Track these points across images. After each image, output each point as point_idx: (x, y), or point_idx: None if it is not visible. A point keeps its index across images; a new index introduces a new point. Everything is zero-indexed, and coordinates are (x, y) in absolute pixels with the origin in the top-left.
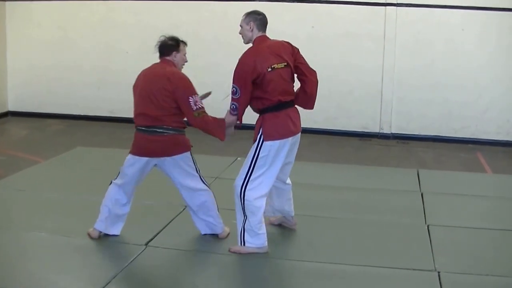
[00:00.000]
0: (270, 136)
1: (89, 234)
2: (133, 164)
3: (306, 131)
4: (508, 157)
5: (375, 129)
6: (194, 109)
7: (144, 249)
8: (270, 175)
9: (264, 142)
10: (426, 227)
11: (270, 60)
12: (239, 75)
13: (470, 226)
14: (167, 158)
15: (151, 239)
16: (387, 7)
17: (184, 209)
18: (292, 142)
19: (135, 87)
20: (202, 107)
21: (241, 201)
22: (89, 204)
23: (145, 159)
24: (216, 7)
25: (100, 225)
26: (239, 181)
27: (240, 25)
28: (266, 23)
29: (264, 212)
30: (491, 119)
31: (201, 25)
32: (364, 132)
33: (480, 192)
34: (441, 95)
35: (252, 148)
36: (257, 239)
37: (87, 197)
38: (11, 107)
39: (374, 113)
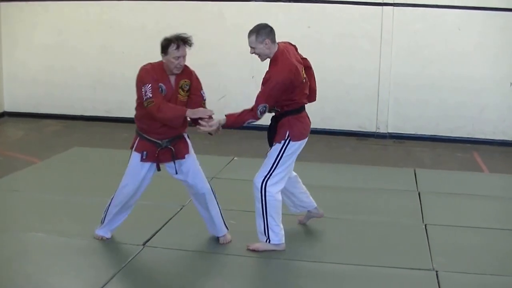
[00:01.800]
0: (297, 137)
1: None
2: None
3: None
4: (504, 157)
5: (371, 129)
6: (143, 99)
7: (142, 249)
8: (288, 171)
9: (291, 142)
10: (424, 227)
11: (300, 70)
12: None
13: (467, 225)
14: None
15: (149, 239)
16: (384, 7)
17: (181, 209)
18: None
19: None
20: (150, 97)
21: (262, 196)
22: (86, 205)
23: None
24: (212, 8)
25: None
26: (259, 177)
27: (252, 46)
28: (275, 32)
29: (289, 208)
30: (487, 119)
31: (197, 26)
32: (360, 132)
33: (477, 191)
34: (438, 94)
35: (277, 147)
36: (279, 236)
37: (84, 197)
38: (7, 108)
39: (370, 113)
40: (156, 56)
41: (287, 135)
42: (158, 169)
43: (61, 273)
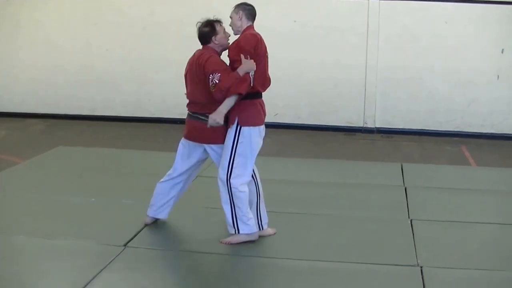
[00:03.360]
0: (248, 122)
1: None
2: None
3: (290, 126)
4: (492, 150)
5: (359, 123)
6: (210, 84)
7: (123, 249)
8: (250, 163)
9: (242, 128)
10: (409, 222)
11: (264, 44)
12: (245, 46)
13: (453, 220)
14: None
15: (130, 240)
16: (370, 0)
17: None
18: (262, 135)
19: (185, 75)
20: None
21: (228, 188)
22: (70, 205)
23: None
24: (199, 3)
25: None
26: (223, 170)
27: (230, 16)
28: (255, 14)
29: None
30: (475, 112)
31: (184, 21)
32: (348, 126)
33: (464, 185)
34: (426, 89)
35: (230, 135)
36: (249, 225)
37: (68, 197)
38: None
39: (358, 108)
40: (142, 52)
41: (236, 120)
42: None
43: (42, 275)
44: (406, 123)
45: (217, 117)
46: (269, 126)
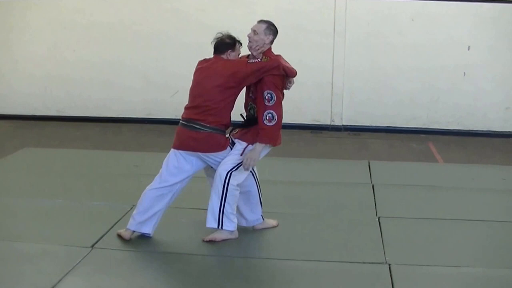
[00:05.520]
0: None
1: None
2: None
3: None
4: (459, 147)
5: (326, 121)
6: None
7: (90, 251)
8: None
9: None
10: (377, 220)
11: None
12: (275, 81)
13: (421, 217)
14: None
15: (97, 241)
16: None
17: (131, 209)
18: None
19: (196, 80)
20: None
21: (224, 184)
22: (36, 208)
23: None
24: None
25: None
26: (227, 166)
27: (256, 31)
28: None
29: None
30: (442, 109)
31: (155, 21)
32: (315, 124)
33: (431, 182)
34: (392, 86)
35: (243, 146)
36: (233, 224)
37: (34, 200)
38: None
39: (325, 106)
40: (109, 54)
41: (253, 143)
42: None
43: (3, 281)
44: (373, 120)
45: (256, 157)
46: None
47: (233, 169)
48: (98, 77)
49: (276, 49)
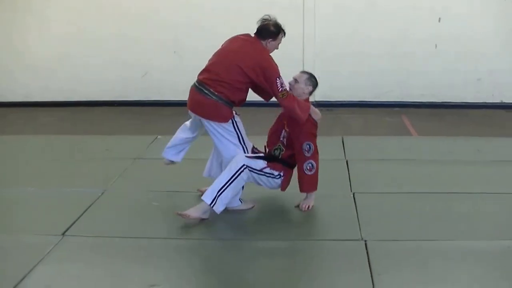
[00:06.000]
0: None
1: None
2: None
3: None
4: (433, 119)
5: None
6: (280, 90)
7: (61, 239)
8: None
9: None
10: (352, 195)
11: None
12: (312, 130)
13: (396, 191)
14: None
15: (68, 228)
16: None
17: (102, 194)
18: None
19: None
20: (284, 90)
21: (237, 172)
22: (3, 197)
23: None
24: None
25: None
26: (250, 163)
27: (297, 80)
28: None
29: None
30: (415, 82)
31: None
32: None
33: (405, 156)
34: (364, 61)
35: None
36: (222, 208)
37: (1, 189)
38: None
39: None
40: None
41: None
42: None
43: None
44: (346, 95)
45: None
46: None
47: (252, 169)
48: (66, 60)
49: (246, 24)
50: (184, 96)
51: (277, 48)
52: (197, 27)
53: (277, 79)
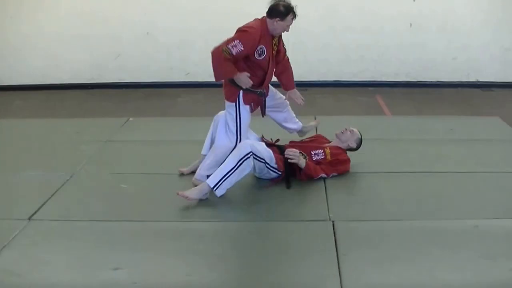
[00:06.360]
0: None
1: None
2: None
3: (202, 85)
4: (407, 98)
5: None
6: (227, 44)
7: (27, 223)
8: None
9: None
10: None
11: None
12: None
13: (366, 171)
14: None
15: (35, 212)
16: None
17: (71, 177)
18: None
19: None
20: (231, 50)
21: (243, 158)
22: None
23: None
24: None
25: None
26: (258, 149)
27: (353, 132)
28: None
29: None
30: (389, 61)
31: None
32: None
33: (377, 135)
34: (338, 39)
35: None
36: (222, 192)
37: None
38: None
39: None
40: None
41: None
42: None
43: None
44: (320, 75)
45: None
46: (181, 85)
47: (257, 157)
48: (38, 43)
49: (219, 4)
50: (156, 77)
51: (287, 30)
52: (169, 8)
53: (236, 40)
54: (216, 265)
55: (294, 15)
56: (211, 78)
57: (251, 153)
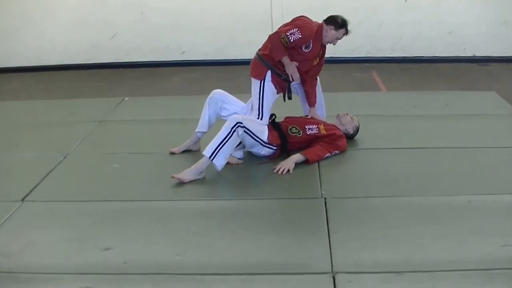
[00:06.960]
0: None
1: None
2: None
3: (198, 63)
4: (402, 74)
5: None
6: (285, 32)
7: (21, 204)
8: None
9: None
10: None
11: None
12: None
13: (361, 147)
14: None
15: (28, 194)
16: None
17: (64, 158)
18: None
19: None
20: (289, 37)
21: (232, 129)
22: None
23: None
24: None
25: None
26: (246, 123)
27: (352, 118)
28: None
29: None
30: (385, 37)
31: None
32: None
33: (372, 111)
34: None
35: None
36: (222, 162)
37: None
38: None
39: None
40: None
41: None
42: (290, 97)
43: None
44: None
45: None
46: (177, 64)
47: (246, 128)
48: (30, 25)
49: None
50: (152, 57)
51: (334, 43)
52: None
53: (295, 28)
54: (207, 244)
55: (347, 31)
56: (207, 56)
57: (238, 123)
